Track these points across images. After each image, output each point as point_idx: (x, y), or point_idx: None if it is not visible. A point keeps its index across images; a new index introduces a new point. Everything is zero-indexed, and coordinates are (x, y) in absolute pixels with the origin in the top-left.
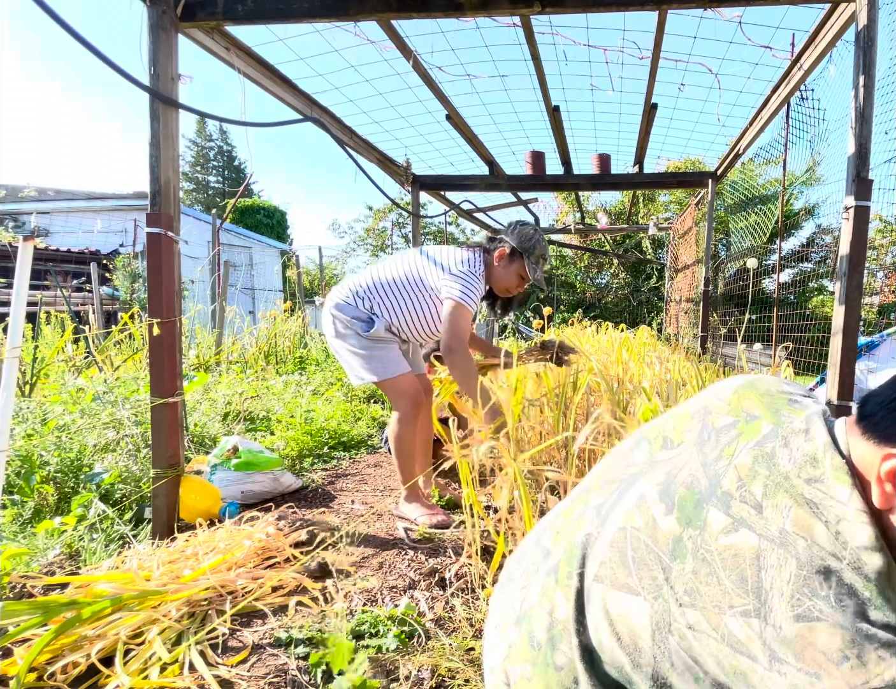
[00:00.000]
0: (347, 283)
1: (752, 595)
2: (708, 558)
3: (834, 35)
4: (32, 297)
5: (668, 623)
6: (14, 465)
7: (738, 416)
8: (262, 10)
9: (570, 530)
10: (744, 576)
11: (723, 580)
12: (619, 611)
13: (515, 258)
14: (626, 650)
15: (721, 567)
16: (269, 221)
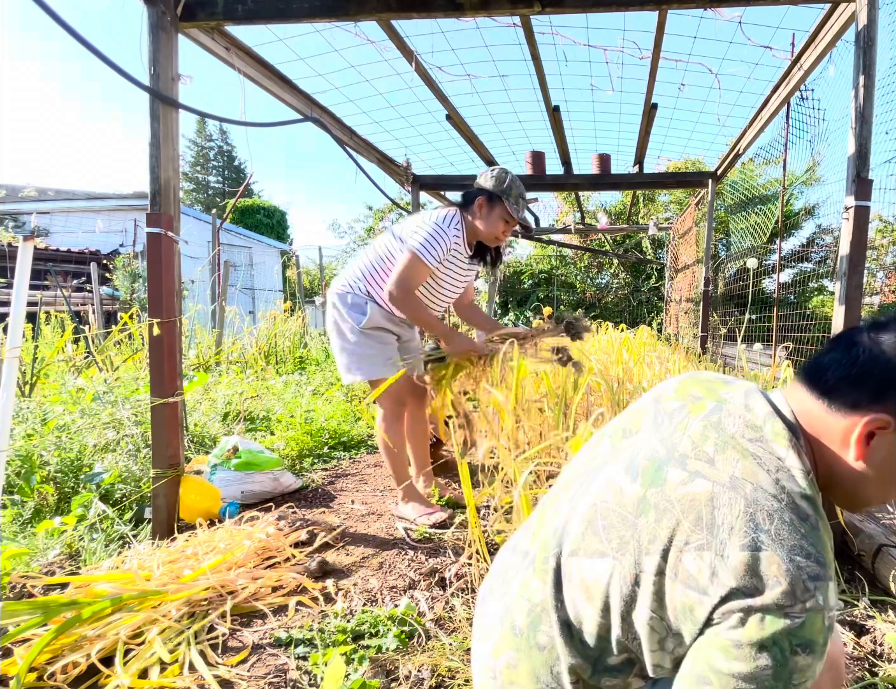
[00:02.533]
0: (345, 273)
1: (706, 531)
2: (668, 507)
3: (834, 35)
4: (32, 297)
5: (634, 576)
6: (14, 465)
7: (684, 400)
8: (262, 10)
9: (546, 526)
10: (700, 516)
11: (680, 520)
12: (592, 576)
13: (495, 203)
14: (600, 615)
15: (680, 512)
16: (269, 221)
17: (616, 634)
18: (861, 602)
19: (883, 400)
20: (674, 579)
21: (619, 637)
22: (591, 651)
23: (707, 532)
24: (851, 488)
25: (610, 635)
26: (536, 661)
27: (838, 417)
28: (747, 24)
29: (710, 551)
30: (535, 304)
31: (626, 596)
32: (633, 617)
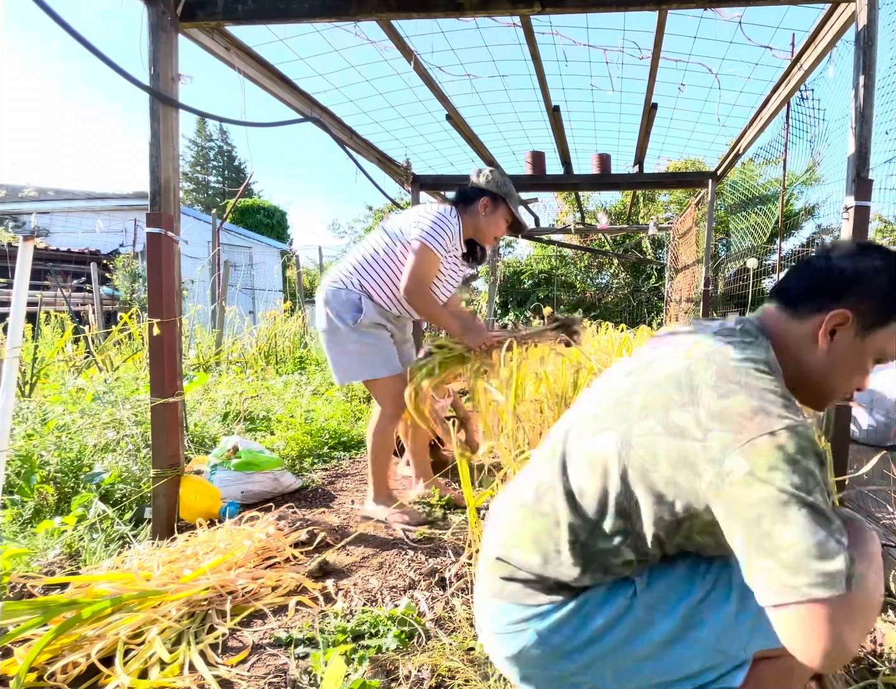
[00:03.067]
0: (336, 269)
1: (686, 392)
2: (655, 384)
3: (834, 35)
4: (32, 297)
5: (629, 440)
6: (14, 465)
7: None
8: (262, 10)
9: (552, 438)
10: (680, 382)
11: (665, 389)
12: (594, 449)
13: (499, 204)
14: (601, 481)
15: (665, 384)
16: (269, 221)
17: (613, 497)
18: None
19: (841, 300)
20: (665, 434)
21: (616, 500)
22: (591, 517)
23: (688, 392)
24: (818, 382)
25: (608, 499)
26: (536, 525)
27: (804, 322)
28: (747, 24)
29: (693, 406)
30: (535, 304)
31: (625, 459)
32: (629, 478)
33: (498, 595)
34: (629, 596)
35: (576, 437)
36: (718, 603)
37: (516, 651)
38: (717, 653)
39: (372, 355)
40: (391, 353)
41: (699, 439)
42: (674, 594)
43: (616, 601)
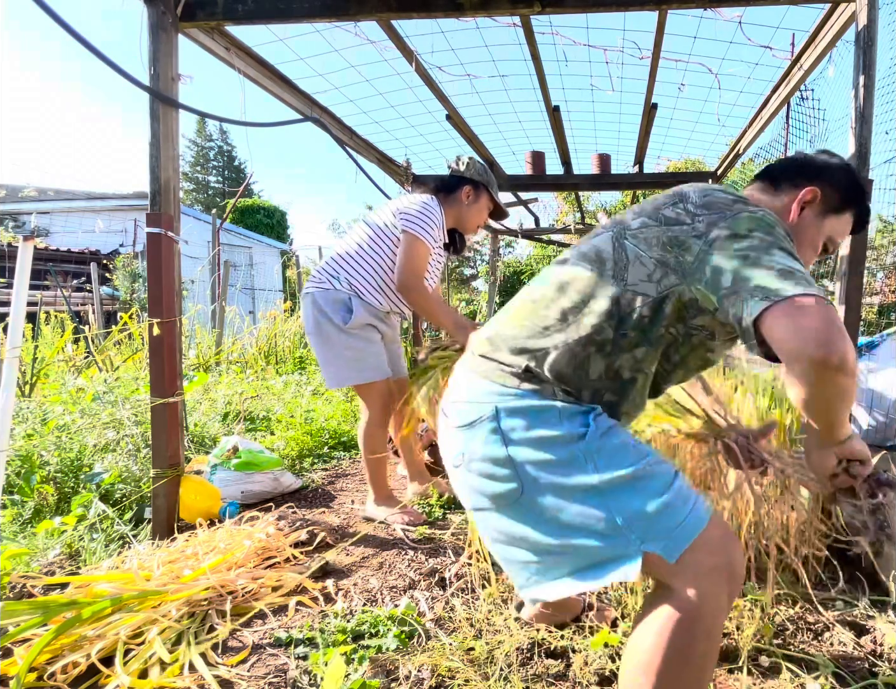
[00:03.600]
0: (318, 269)
1: (675, 196)
2: (644, 203)
3: (834, 35)
4: (32, 297)
5: (623, 235)
6: (14, 465)
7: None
8: (262, 10)
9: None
10: (670, 194)
11: (656, 200)
12: (588, 248)
13: (481, 192)
14: (592, 264)
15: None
16: (269, 221)
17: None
18: (861, 602)
19: (815, 180)
20: (657, 225)
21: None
22: (581, 298)
23: (677, 196)
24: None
25: (599, 281)
26: (528, 308)
27: (780, 195)
28: (747, 24)
29: (682, 203)
30: None
31: (618, 248)
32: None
33: (474, 371)
34: (581, 433)
35: (572, 249)
36: (645, 492)
37: (471, 420)
38: (617, 528)
39: (361, 360)
40: (380, 356)
41: (688, 223)
42: (614, 456)
43: (572, 426)
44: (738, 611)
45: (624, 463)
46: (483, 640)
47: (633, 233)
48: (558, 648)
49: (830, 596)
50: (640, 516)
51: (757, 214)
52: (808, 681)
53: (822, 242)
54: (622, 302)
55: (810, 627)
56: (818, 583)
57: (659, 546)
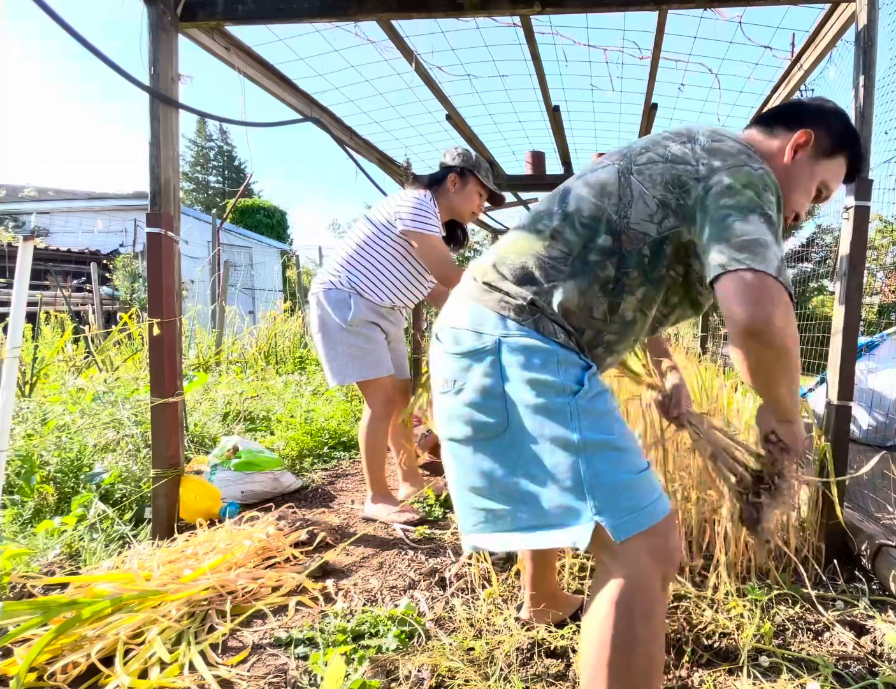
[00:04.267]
0: (323, 269)
1: (684, 134)
2: (653, 136)
3: (834, 35)
4: (32, 297)
5: (629, 170)
6: (14, 465)
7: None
8: (262, 10)
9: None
10: (679, 132)
11: (665, 135)
12: (594, 179)
13: (468, 178)
14: (597, 198)
15: (664, 134)
16: (269, 221)
17: (608, 215)
18: (861, 602)
19: (808, 124)
20: (663, 161)
21: (610, 218)
22: (584, 233)
23: (686, 135)
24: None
25: (603, 216)
26: (531, 239)
27: (775, 138)
28: (747, 24)
29: (689, 143)
30: None
31: (623, 183)
32: (625, 198)
33: (476, 299)
34: (575, 389)
35: (577, 178)
36: (619, 464)
37: (469, 348)
38: (581, 489)
39: (363, 356)
40: (383, 354)
41: (692, 165)
42: (599, 421)
43: (567, 378)
44: (739, 611)
45: (607, 430)
46: (483, 640)
47: (638, 168)
48: (558, 648)
49: (830, 596)
50: (606, 485)
51: (756, 172)
52: (808, 681)
53: (815, 187)
54: (623, 240)
55: (810, 627)
56: (818, 583)
57: (613, 522)
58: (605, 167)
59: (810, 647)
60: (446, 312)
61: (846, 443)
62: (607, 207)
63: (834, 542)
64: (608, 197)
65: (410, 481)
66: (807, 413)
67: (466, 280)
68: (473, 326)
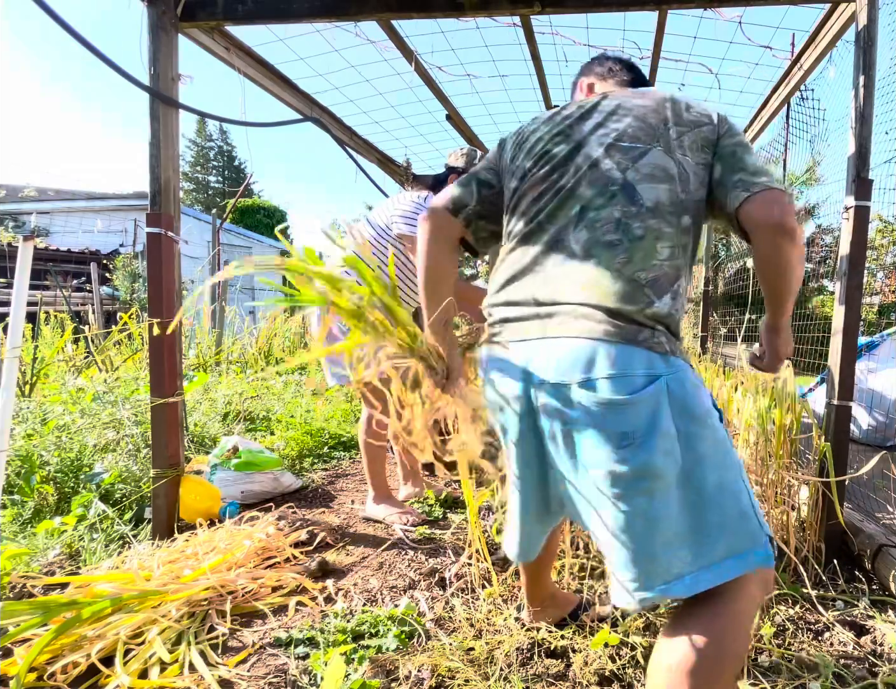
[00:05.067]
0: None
1: (685, 102)
2: (669, 107)
3: (834, 35)
4: (32, 297)
5: (671, 148)
6: (14, 465)
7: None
8: (262, 10)
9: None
10: (682, 102)
11: (672, 106)
12: (649, 169)
13: None
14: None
15: (669, 104)
16: (270, 221)
17: (679, 196)
18: (861, 602)
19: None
20: (689, 128)
21: (682, 199)
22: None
23: (686, 102)
24: None
25: (677, 199)
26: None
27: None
28: (747, 24)
29: (691, 106)
30: None
31: (676, 161)
32: (685, 172)
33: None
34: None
35: (622, 168)
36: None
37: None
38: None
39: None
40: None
41: (707, 123)
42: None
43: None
44: None
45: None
46: (483, 640)
47: (678, 143)
48: (558, 648)
49: (830, 596)
50: (755, 505)
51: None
52: (809, 681)
53: None
54: (695, 217)
55: (810, 627)
56: (818, 583)
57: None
58: (647, 153)
59: (810, 647)
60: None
61: (846, 443)
62: (677, 188)
63: (834, 542)
64: (673, 179)
65: (411, 481)
66: (807, 413)
67: (580, 314)
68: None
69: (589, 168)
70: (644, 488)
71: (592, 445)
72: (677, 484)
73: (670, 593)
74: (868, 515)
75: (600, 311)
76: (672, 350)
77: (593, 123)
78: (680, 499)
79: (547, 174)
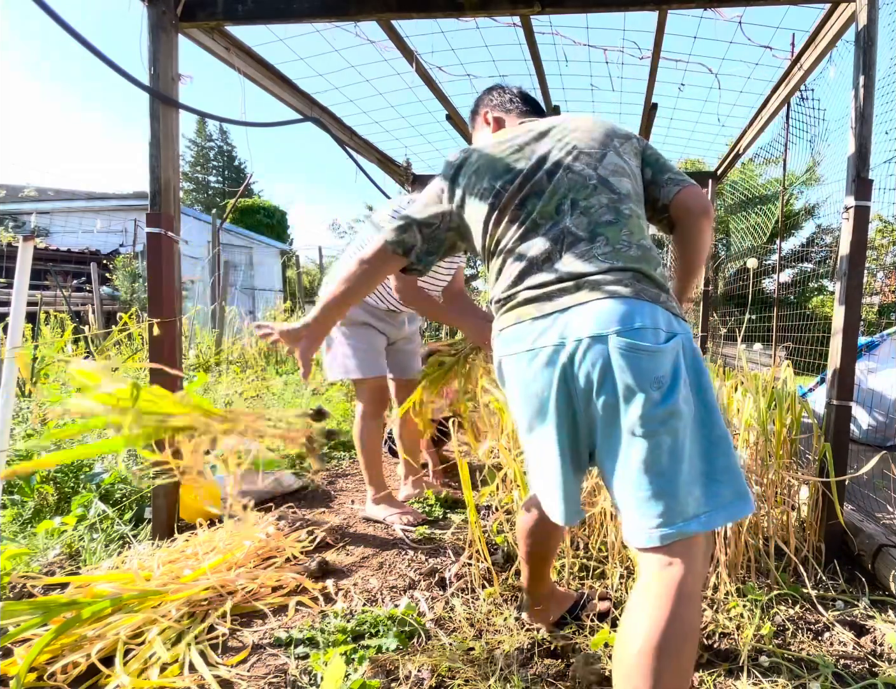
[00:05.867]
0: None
1: (610, 121)
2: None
3: (834, 35)
4: (32, 297)
5: (620, 152)
6: (14, 465)
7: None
8: (262, 10)
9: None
10: (609, 122)
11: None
12: (615, 167)
13: None
14: (630, 179)
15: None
16: (269, 220)
17: (638, 189)
18: (861, 602)
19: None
20: (627, 139)
21: (639, 191)
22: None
23: (610, 121)
24: None
25: (639, 189)
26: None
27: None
28: (747, 24)
29: (620, 127)
30: None
31: (628, 161)
32: (636, 172)
33: (642, 293)
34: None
35: (592, 167)
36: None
37: (659, 346)
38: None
39: (352, 356)
40: (372, 355)
41: (633, 137)
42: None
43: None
44: (738, 611)
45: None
46: (483, 640)
47: (622, 150)
48: (558, 648)
49: (830, 596)
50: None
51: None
52: (809, 681)
53: None
54: (644, 208)
55: (810, 627)
56: (818, 583)
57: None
58: (606, 155)
59: (810, 647)
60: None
61: (846, 443)
62: (634, 182)
63: (834, 542)
64: (630, 176)
65: (411, 481)
66: (807, 413)
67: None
68: (656, 323)
69: (563, 171)
70: (671, 428)
71: (629, 388)
72: (692, 428)
73: (689, 529)
74: (868, 515)
75: (627, 273)
76: (680, 313)
77: (552, 139)
78: (695, 442)
79: (522, 184)
